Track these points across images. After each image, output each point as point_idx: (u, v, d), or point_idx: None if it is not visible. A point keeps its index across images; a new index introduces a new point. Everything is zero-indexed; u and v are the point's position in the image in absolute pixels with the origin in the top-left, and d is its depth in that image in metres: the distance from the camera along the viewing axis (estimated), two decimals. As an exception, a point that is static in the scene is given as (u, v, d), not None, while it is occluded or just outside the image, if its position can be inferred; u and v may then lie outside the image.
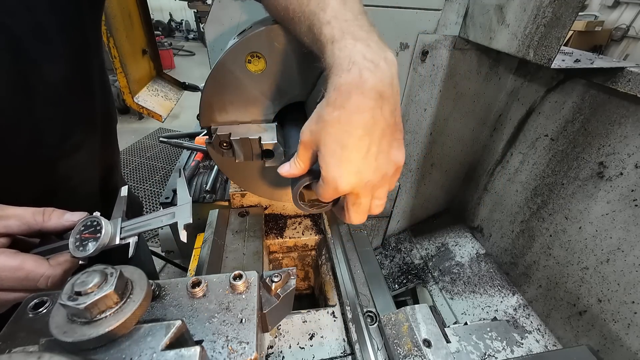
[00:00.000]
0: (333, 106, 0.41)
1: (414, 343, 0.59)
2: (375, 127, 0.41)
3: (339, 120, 0.41)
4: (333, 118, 0.41)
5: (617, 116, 0.97)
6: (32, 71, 0.50)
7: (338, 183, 0.43)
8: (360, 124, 0.41)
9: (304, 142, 0.46)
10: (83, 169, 0.66)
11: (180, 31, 10.72)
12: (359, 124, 0.41)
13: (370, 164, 0.43)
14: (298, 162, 0.49)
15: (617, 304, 0.99)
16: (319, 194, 0.48)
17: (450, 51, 1.17)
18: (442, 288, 1.44)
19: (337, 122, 0.41)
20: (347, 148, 0.41)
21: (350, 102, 0.40)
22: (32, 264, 0.43)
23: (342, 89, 0.40)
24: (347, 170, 0.43)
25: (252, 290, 0.44)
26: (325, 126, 0.42)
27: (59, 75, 0.53)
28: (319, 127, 0.43)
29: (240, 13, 0.88)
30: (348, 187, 0.44)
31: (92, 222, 0.48)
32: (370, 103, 0.40)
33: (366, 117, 0.40)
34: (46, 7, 0.48)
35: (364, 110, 0.40)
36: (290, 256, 1.00)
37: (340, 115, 0.41)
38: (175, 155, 3.91)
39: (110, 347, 0.32)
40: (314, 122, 0.44)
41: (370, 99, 0.40)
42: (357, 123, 0.41)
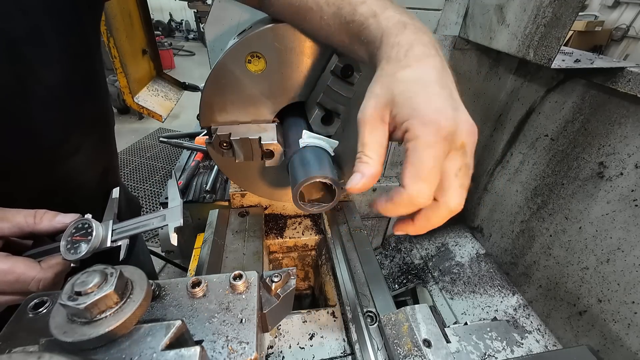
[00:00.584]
0: (397, 59, 0.39)
1: (414, 343, 0.59)
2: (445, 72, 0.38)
3: (410, 65, 0.38)
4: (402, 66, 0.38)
5: (617, 116, 0.97)
6: (29, 74, 0.50)
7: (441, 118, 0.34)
8: (432, 65, 0.38)
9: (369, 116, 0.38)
10: (81, 171, 0.66)
11: (180, 31, 10.72)
12: (431, 66, 0.38)
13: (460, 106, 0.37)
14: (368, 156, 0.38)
15: (617, 304, 0.99)
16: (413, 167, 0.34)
17: (450, 51, 1.17)
18: (442, 288, 1.44)
19: (409, 67, 0.37)
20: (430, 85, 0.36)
21: (413, 50, 0.39)
22: (23, 267, 0.43)
23: (402, 43, 0.40)
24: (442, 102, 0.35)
25: (252, 290, 0.44)
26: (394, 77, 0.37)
27: (56, 78, 0.53)
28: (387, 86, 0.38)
29: (240, 13, 0.88)
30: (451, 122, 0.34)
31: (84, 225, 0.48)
32: (433, 51, 0.40)
33: (435, 60, 0.38)
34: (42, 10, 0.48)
35: (430, 55, 0.39)
36: (290, 256, 1.00)
37: (409, 62, 0.38)
38: (175, 155, 3.91)
39: (110, 347, 0.32)
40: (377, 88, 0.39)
41: (431, 49, 0.40)
42: (430, 64, 0.38)
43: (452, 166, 0.35)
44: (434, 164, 0.34)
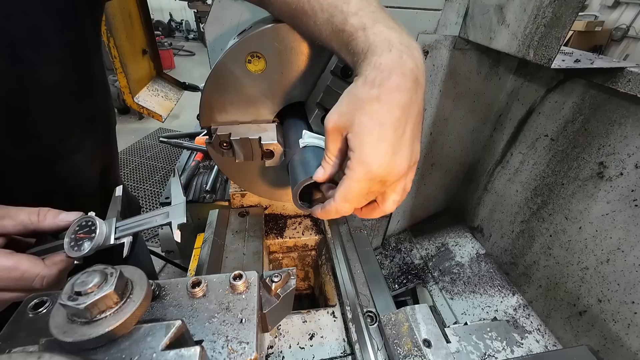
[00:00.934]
0: (372, 84, 0.40)
1: (414, 343, 0.59)
2: (411, 110, 0.41)
3: (379, 98, 0.40)
4: (371, 96, 0.40)
5: (617, 116, 0.97)
6: (29, 73, 0.50)
7: (374, 165, 0.41)
8: (400, 103, 0.40)
9: (332, 129, 0.44)
10: (81, 170, 0.66)
11: (180, 31, 10.72)
12: (398, 103, 0.40)
13: (405, 148, 0.42)
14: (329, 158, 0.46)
15: (617, 304, 0.99)
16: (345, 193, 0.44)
17: (450, 51, 1.17)
18: (442, 288, 1.44)
19: (376, 99, 0.40)
20: (385, 126, 0.40)
21: (390, 80, 0.39)
22: (27, 264, 0.43)
23: (382, 68, 0.40)
24: (384, 150, 0.40)
25: (252, 290, 0.44)
26: (362, 105, 0.40)
27: (56, 77, 0.53)
28: (352, 107, 0.41)
29: (241, 13, 0.88)
30: (382, 170, 0.41)
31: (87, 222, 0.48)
32: (409, 84, 0.40)
33: (405, 97, 0.40)
34: (42, 10, 0.48)
35: (403, 90, 0.40)
36: (290, 256, 1.00)
37: (380, 93, 0.39)
38: (175, 155, 3.91)
39: (110, 347, 0.32)
40: (344, 104, 0.43)
41: (409, 81, 0.40)
42: (397, 102, 0.40)
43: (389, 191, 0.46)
44: (357, 194, 0.44)
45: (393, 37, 0.42)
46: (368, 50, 0.42)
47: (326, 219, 0.50)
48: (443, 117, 1.35)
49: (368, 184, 0.43)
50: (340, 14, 0.45)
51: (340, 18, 0.45)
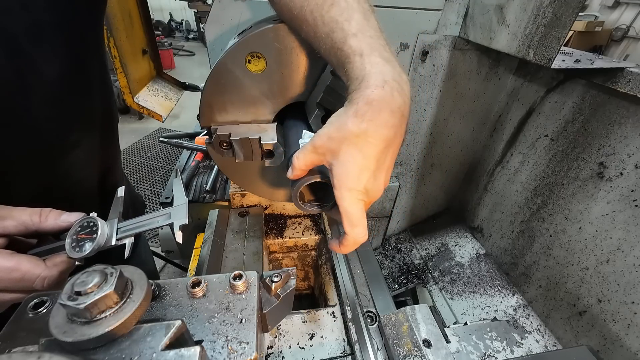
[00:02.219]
0: (362, 118, 0.42)
1: (413, 343, 0.59)
2: (394, 142, 0.44)
3: (366, 132, 0.42)
4: (360, 129, 0.42)
5: (617, 116, 0.97)
6: (28, 70, 0.50)
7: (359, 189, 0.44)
8: (385, 138, 0.43)
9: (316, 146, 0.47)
10: (82, 167, 0.66)
11: (180, 31, 10.72)
12: (384, 138, 0.43)
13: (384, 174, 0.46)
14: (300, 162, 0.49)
15: (617, 304, 0.99)
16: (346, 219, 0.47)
17: (450, 51, 1.17)
18: (442, 288, 1.44)
19: (364, 134, 0.42)
20: (369, 158, 0.43)
21: (380, 117, 0.42)
22: (28, 265, 0.43)
23: (374, 104, 0.42)
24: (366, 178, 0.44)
25: (252, 290, 0.44)
26: (350, 136, 0.43)
27: (56, 73, 0.53)
28: (341, 134, 0.44)
29: (241, 13, 0.88)
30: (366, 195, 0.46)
31: (89, 223, 0.48)
32: (396, 121, 0.43)
33: (391, 132, 0.43)
34: (43, 6, 0.48)
35: (390, 126, 0.42)
36: (290, 256, 1.00)
37: (368, 128, 0.42)
38: (175, 155, 3.91)
39: (110, 347, 0.32)
40: (334, 129, 0.45)
41: (397, 117, 0.43)
42: (383, 137, 0.43)
43: None
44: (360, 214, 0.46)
45: (387, 72, 0.43)
46: (363, 80, 0.43)
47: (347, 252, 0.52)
48: (443, 117, 1.35)
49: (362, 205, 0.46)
50: (340, 32, 0.46)
51: (340, 36, 0.46)
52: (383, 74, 0.43)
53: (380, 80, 0.42)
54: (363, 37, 0.45)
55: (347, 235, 0.48)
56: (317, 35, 0.49)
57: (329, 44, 0.47)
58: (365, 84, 0.43)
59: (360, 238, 0.48)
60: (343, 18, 0.46)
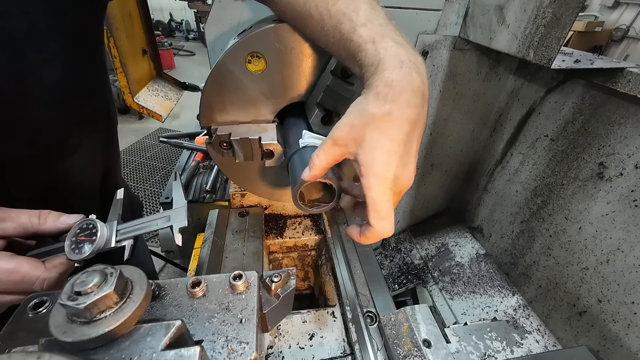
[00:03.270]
0: (384, 100, 0.41)
1: (413, 343, 0.59)
2: (418, 124, 0.43)
3: (390, 114, 0.41)
4: (384, 112, 0.41)
5: (617, 116, 0.97)
6: (28, 73, 0.50)
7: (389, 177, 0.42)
8: (410, 119, 0.41)
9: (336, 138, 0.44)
10: (81, 169, 0.66)
11: (180, 31, 10.72)
12: (408, 119, 0.41)
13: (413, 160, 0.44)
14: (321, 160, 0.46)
15: (617, 305, 0.99)
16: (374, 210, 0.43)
17: (450, 51, 1.17)
18: (442, 288, 1.44)
19: (388, 116, 0.41)
20: (396, 141, 0.41)
21: (402, 97, 0.41)
22: (27, 267, 0.43)
23: (394, 85, 0.41)
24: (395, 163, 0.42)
25: (252, 290, 0.44)
26: (373, 120, 0.41)
27: (56, 76, 0.53)
28: (363, 121, 0.42)
29: (241, 13, 0.88)
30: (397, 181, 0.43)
31: (88, 225, 0.48)
32: (418, 100, 0.41)
33: (415, 113, 0.41)
34: (42, 9, 0.48)
35: (413, 106, 0.41)
36: (290, 256, 1.00)
37: (392, 110, 0.40)
38: (175, 155, 3.91)
39: (110, 347, 0.32)
40: (355, 116, 0.43)
41: (418, 97, 0.41)
42: (407, 118, 0.41)
43: None
44: (389, 206, 0.43)
45: (402, 54, 0.43)
46: (379, 64, 0.42)
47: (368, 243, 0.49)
48: (443, 117, 1.35)
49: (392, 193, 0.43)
50: (349, 23, 0.45)
51: (349, 27, 0.45)
52: (399, 56, 0.42)
53: (397, 61, 0.42)
54: (372, 26, 0.45)
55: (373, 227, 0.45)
56: (324, 30, 0.49)
57: (337, 36, 0.47)
58: (381, 67, 0.42)
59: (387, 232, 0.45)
60: (350, 10, 0.46)
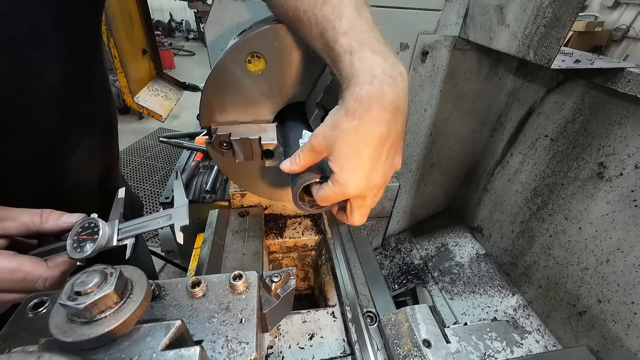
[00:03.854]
0: (353, 116, 0.42)
1: (413, 343, 0.59)
2: (388, 138, 0.44)
3: (358, 129, 0.42)
4: (352, 127, 0.42)
5: (617, 117, 0.97)
6: (29, 72, 0.50)
7: (349, 187, 0.46)
8: (377, 134, 0.43)
9: (314, 145, 0.47)
10: (82, 169, 0.66)
11: (180, 31, 10.72)
12: (376, 135, 0.43)
13: (379, 170, 0.46)
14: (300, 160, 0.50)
15: (617, 305, 0.99)
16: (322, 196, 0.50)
17: (450, 51, 1.17)
18: (442, 288, 1.44)
19: (356, 131, 0.42)
20: (362, 156, 0.44)
21: (370, 113, 0.42)
22: (30, 266, 0.44)
23: (363, 100, 0.42)
24: (359, 175, 0.45)
25: (252, 290, 0.44)
26: (341, 134, 0.43)
27: (56, 76, 0.53)
28: (334, 133, 0.44)
29: (241, 13, 0.88)
30: (357, 191, 0.47)
31: (90, 224, 0.48)
32: (388, 116, 0.42)
33: (383, 128, 0.43)
34: (43, 9, 0.48)
35: (382, 122, 0.42)
36: (290, 256, 1.00)
37: (360, 125, 0.42)
38: (175, 155, 3.91)
39: (110, 347, 0.32)
40: (329, 128, 0.45)
41: (388, 112, 0.42)
42: (374, 133, 0.43)
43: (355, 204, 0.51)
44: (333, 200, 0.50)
45: (376, 66, 0.42)
46: (352, 78, 0.43)
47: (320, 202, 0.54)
48: (443, 117, 1.35)
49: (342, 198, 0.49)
50: (332, 31, 0.45)
51: (332, 35, 0.45)
52: (371, 69, 0.42)
53: (368, 76, 0.42)
54: (354, 34, 0.45)
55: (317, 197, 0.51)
56: (312, 35, 0.49)
57: (322, 43, 0.47)
58: (354, 81, 0.43)
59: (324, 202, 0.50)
60: (334, 16, 0.45)
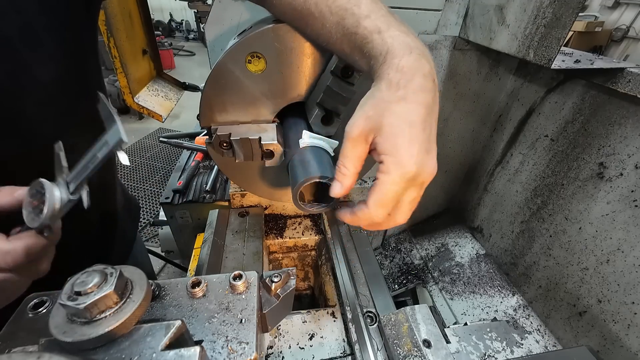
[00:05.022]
0: (397, 86, 0.41)
1: (413, 343, 0.59)
2: (433, 109, 0.42)
3: (405, 98, 0.40)
4: (398, 97, 0.41)
5: (617, 117, 0.97)
6: (22, 71, 0.49)
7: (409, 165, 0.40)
8: (425, 102, 0.41)
9: (358, 135, 0.43)
10: None
11: (180, 31, 10.72)
12: (424, 103, 0.41)
13: (434, 147, 0.43)
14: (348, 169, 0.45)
15: (617, 305, 0.99)
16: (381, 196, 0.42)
17: (450, 51, 1.17)
18: (442, 288, 1.44)
19: (404, 100, 0.40)
20: (415, 126, 0.40)
21: (414, 81, 0.41)
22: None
23: (405, 70, 0.41)
24: (417, 149, 0.40)
25: (251, 290, 0.44)
26: (389, 106, 0.41)
27: (50, 75, 0.53)
28: (378, 110, 0.42)
29: (241, 13, 0.88)
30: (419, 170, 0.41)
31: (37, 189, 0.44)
32: (430, 84, 0.41)
33: (429, 96, 0.41)
34: (37, 9, 0.48)
35: (426, 90, 0.41)
36: (290, 256, 1.00)
37: (406, 94, 0.40)
38: (175, 155, 3.91)
39: (110, 347, 0.32)
40: (369, 107, 0.43)
41: (430, 81, 0.42)
42: (422, 101, 0.41)
43: (409, 196, 0.44)
44: (394, 197, 0.42)
45: (410, 42, 0.43)
46: (387, 53, 0.42)
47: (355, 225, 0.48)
48: (443, 117, 1.35)
49: (404, 186, 0.42)
50: (351, 17, 0.46)
51: (352, 21, 0.46)
52: (407, 43, 0.42)
53: (406, 47, 0.42)
54: (376, 17, 0.45)
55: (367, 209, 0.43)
56: (325, 27, 0.49)
57: (340, 32, 0.47)
58: (390, 55, 0.42)
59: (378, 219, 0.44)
60: (351, 4, 0.46)
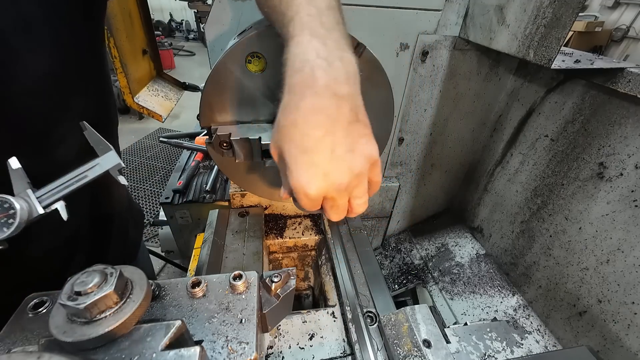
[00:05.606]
0: (288, 109, 0.39)
1: (413, 343, 0.59)
2: (335, 127, 0.39)
3: (295, 123, 0.38)
4: (289, 122, 0.39)
5: (617, 117, 0.97)
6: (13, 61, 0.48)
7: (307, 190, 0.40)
8: (318, 124, 0.38)
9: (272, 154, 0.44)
10: (69, 164, 0.64)
11: (180, 31, 10.72)
12: (316, 125, 0.38)
13: (340, 165, 0.40)
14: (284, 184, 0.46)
15: (617, 305, 0.99)
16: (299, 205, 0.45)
17: (450, 51, 1.17)
18: (442, 288, 1.44)
19: (294, 125, 0.38)
20: (309, 151, 0.38)
21: (304, 102, 0.38)
22: None
23: (295, 90, 0.38)
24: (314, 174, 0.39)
25: (251, 290, 0.44)
26: (283, 132, 0.39)
27: (43, 68, 0.52)
28: (278, 135, 0.40)
29: (241, 13, 0.88)
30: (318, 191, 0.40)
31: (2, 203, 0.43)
32: (325, 102, 0.38)
33: (322, 117, 0.38)
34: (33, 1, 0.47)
35: (319, 110, 0.38)
36: (290, 256, 1.00)
37: (296, 118, 0.38)
38: (175, 155, 3.91)
39: (110, 347, 0.32)
40: (275, 132, 0.41)
41: (325, 98, 0.38)
42: (314, 124, 0.38)
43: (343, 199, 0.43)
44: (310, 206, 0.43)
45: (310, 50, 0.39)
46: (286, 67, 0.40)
47: None
48: (443, 117, 1.35)
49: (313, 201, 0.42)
50: (284, 20, 0.43)
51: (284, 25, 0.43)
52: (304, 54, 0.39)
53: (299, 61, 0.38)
54: (298, 19, 0.41)
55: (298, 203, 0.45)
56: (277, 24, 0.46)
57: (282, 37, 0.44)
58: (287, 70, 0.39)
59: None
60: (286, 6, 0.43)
